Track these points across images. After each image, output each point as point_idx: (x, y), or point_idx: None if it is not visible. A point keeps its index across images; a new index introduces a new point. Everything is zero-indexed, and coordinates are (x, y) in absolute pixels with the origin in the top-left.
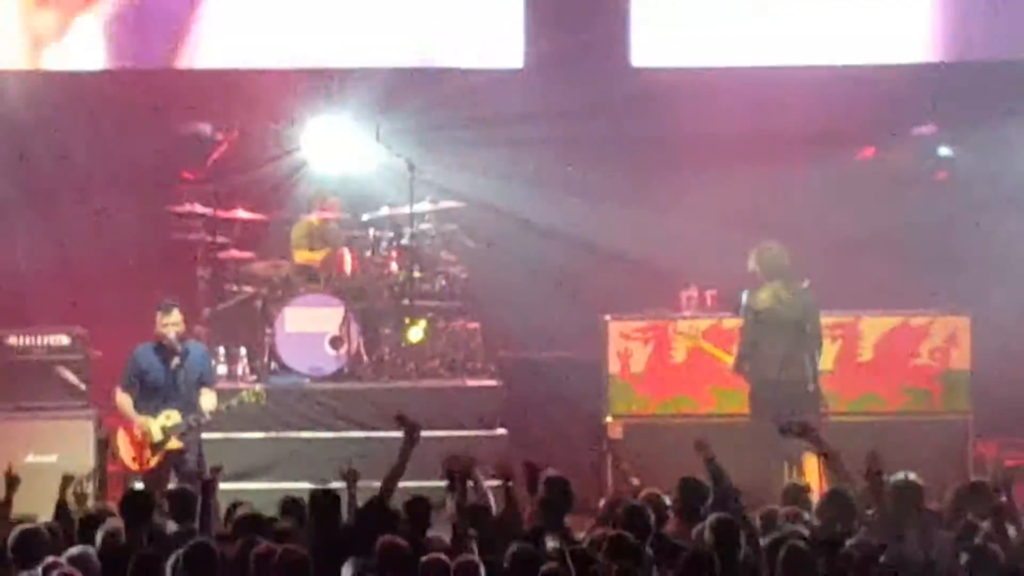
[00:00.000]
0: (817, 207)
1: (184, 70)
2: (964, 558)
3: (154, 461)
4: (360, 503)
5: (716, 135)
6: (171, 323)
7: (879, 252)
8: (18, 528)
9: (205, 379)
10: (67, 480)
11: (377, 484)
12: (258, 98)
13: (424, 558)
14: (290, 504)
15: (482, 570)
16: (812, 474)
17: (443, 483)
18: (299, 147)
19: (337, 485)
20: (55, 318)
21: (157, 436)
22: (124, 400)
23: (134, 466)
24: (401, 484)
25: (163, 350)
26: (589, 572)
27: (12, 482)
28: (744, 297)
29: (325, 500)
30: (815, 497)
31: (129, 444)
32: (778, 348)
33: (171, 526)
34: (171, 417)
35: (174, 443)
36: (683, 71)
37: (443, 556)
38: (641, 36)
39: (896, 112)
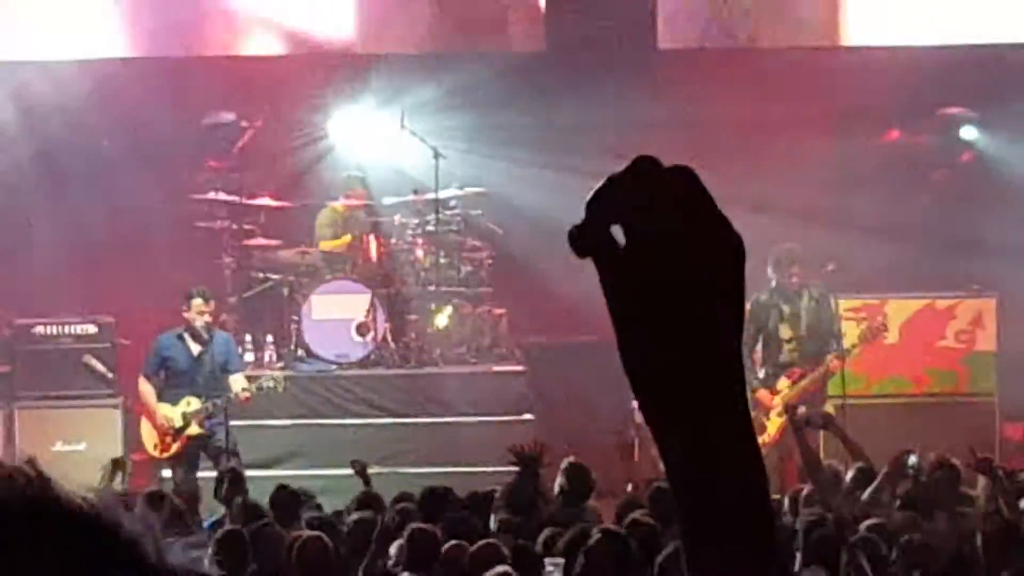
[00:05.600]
0: (841, 190)
1: (208, 56)
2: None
3: (176, 447)
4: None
5: (741, 117)
6: (203, 311)
7: (904, 235)
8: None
9: (230, 366)
10: (118, 465)
11: (403, 470)
12: (283, 85)
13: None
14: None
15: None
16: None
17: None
18: (324, 134)
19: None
20: (82, 307)
21: (178, 422)
22: (147, 389)
23: (156, 453)
24: (436, 470)
25: (187, 337)
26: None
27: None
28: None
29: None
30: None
31: (152, 431)
32: None
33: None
34: (191, 403)
35: (195, 429)
36: (708, 52)
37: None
38: (667, 17)
39: (922, 94)
